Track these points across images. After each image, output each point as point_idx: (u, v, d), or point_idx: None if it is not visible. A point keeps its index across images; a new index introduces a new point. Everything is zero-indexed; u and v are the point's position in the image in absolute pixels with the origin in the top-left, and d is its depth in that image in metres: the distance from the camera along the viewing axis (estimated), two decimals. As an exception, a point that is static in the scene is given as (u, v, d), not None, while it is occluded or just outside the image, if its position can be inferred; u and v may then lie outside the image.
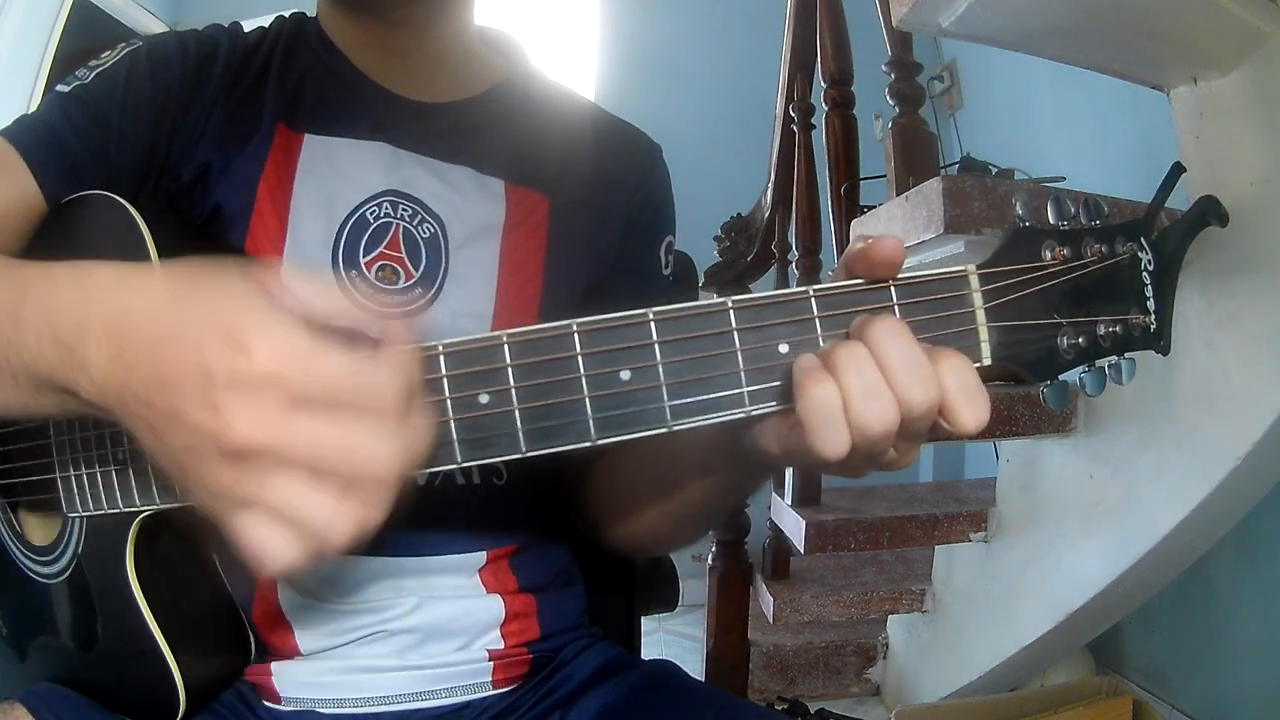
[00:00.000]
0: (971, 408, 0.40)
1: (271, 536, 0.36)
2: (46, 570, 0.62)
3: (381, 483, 0.37)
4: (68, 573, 0.60)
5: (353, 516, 0.36)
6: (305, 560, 0.37)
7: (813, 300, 0.43)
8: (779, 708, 1.83)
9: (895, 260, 0.42)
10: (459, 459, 0.42)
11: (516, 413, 0.42)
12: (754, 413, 0.43)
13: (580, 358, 0.42)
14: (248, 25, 0.72)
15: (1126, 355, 0.46)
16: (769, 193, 2.13)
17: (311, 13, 0.74)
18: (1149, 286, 0.46)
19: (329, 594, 0.64)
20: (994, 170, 1.61)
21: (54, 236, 0.63)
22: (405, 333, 0.39)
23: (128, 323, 0.38)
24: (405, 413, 0.37)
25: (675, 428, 0.42)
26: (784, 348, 0.42)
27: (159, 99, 0.65)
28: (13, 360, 0.41)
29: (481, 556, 0.68)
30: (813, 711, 1.81)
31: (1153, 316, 0.46)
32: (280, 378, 0.35)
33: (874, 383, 0.39)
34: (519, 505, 0.70)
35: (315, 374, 0.35)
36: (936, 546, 1.76)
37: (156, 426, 0.37)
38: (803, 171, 1.93)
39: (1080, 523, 1.41)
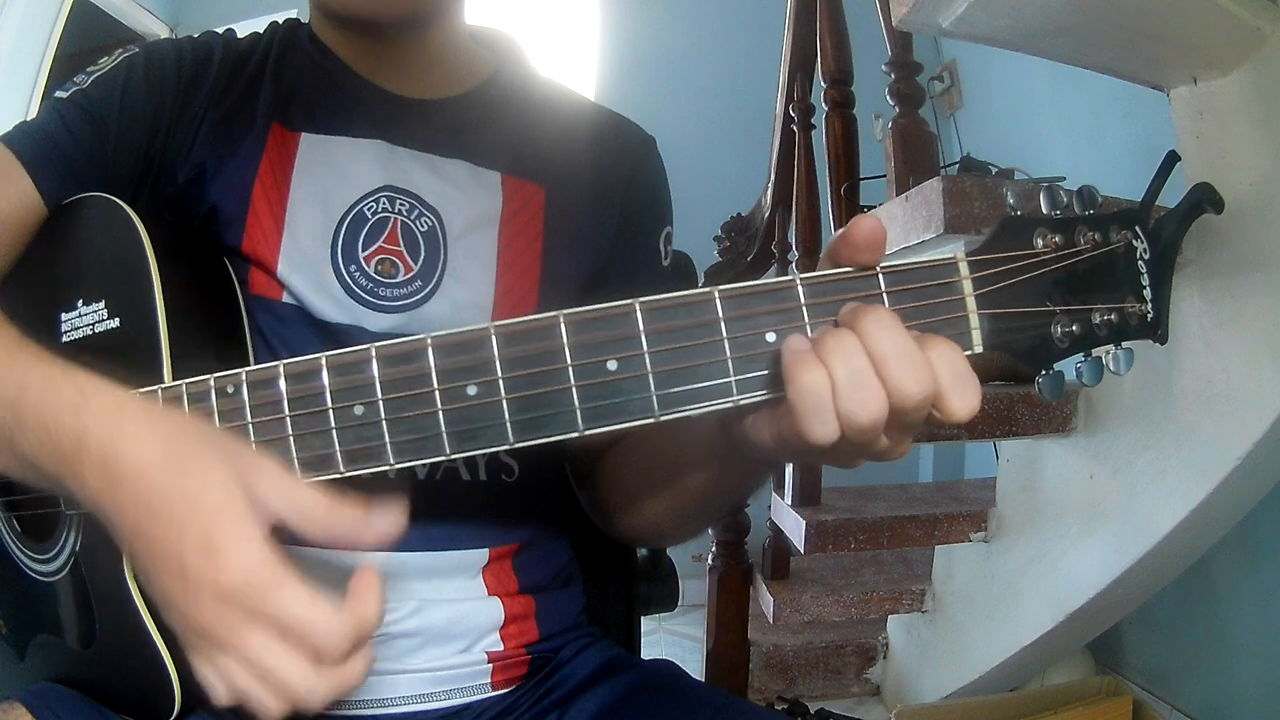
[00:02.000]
0: (962, 396, 0.40)
1: (215, 681, 0.42)
2: (44, 568, 0.62)
3: (305, 698, 0.41)
4: (66, 570, 0.60)
5: (281, 708, 0.41)
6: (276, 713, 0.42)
7: (799, 288, 0.42)
8: (779, 708, 1.83)
9: (875, 239, 0.42)
10: (447, 450, 0.42)
11: (504, 404, 0.42)
12: (741, 402, 0.42)
13: (567, 348, 0.42)
14: (245, 27, 0.73)
15: (1124, 345, 0.46)
16: (769, 193, 2.13)
17: (305, 14, 0.75)
18: (1145, 275, 0.45)
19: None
20: (994, 170, 1.61)
21: (53, 237, 0.64)
22: (371, 582, 0.43)
23: (119, 471, 0.42)
24: (345, 660, 0.42)
25: (662, 417, 0.42)
26: (771, 336, 0.42)
27: (155, 103, 0.66)
28: (15, 448, 0.46)
29: (484, 554, 0.68)
30: (813, 711, 1.81)
31: (1149, 305, 0.45)
32: (244, 594, 0.40)
33: (862, 371, 0.39)
34: (524, 502, 0.71)
35: (272, 606, 0.40)
36: (936, 546, 1.76)
37: (139, 559, 0.43)
38: (803, 171, 1.93)
39: (1080, 523, 1.41)
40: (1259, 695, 1.52)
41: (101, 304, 0.59)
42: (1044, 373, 0.45)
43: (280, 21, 0.74)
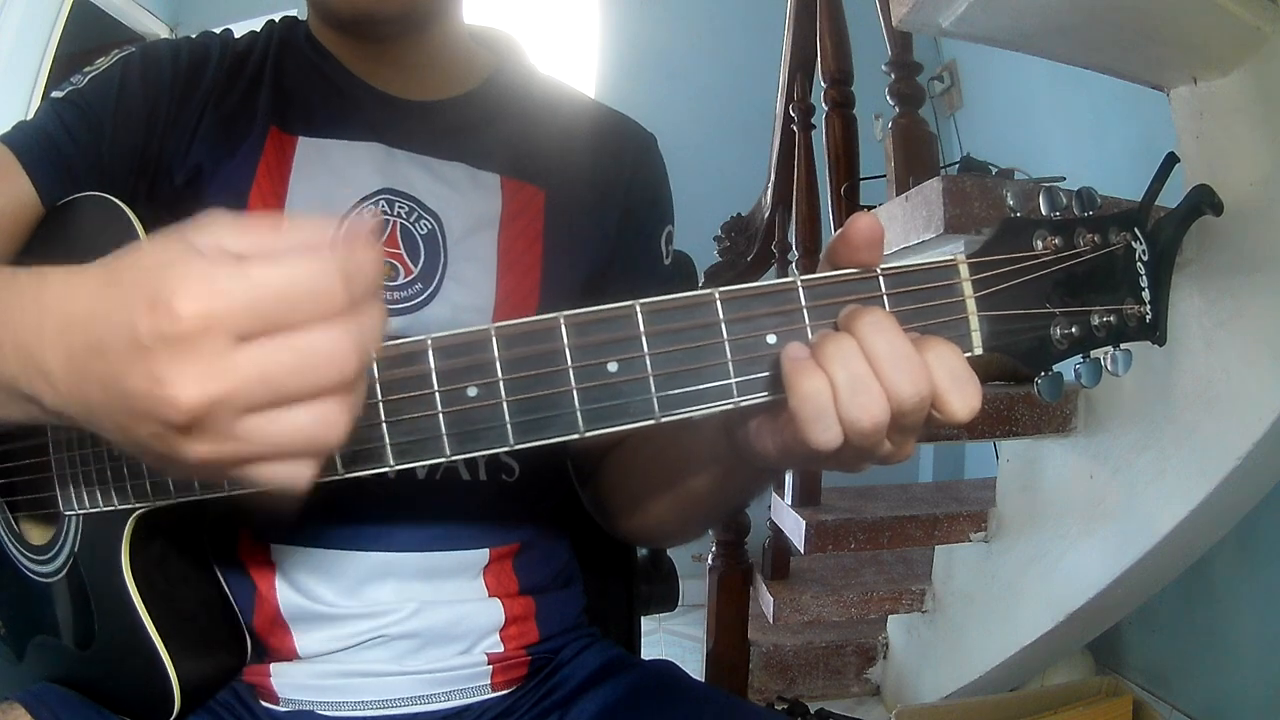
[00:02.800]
0: (961, 396, 0.40)
1: (277, 472, 0.36)
2: (43, 569, 0.62)
3: (347, 377, 0.35)
4: (64, 571, 0.60)
5: (337, 412, 0.35)
6: (320, 463, 0.36)
7: (800, 290, 0.42)
8: (779, 708, 1.83)
9: (872, 237, 0.42)
10: (448, 452, 0.42)
11: (504, 405, 0.42)
12: (742, 403, 0.43)
13: (568, 350, 0.42)
14: (244, 27, 0.73)
15: (1122, 346, 0.46)
16: (769, 193, 2.13)
17: (304, 14, 0.74)
18: (1144, 277, 0.45)
19: (331, 594, 0.64)
20: (994, 170, 1.60)
21: (51, 237, 0.64)
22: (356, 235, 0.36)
23: (72, 325, 0.36)
24: (351, 301, 0.35)
25: (663, 419, 0.42)
26: (772, 338, 0.42)
27: (151, 102, 0.66)
28: None
29: (484, 555, 0.68)
30: (813, 711, 1.81)
31: (1148, 306, 0.45)
32: (209, 320, 0.33)
33: (861, 375, 0.39)
34: (524, 502, 0.70)
35: (243, 301, 0.33)
36: (936, 546, 1.76)
37: (121, 424, 0.36)
38: (803, 171, 1.93)
39: (1080, 523, 1.41)
40: (1259, 695, 1.52)
41: (100, 304, 0.59)
42: (1043, 374, 0.45)
43: (277, 20, 0.74)
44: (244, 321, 0.33)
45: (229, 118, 0.67)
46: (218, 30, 0.73)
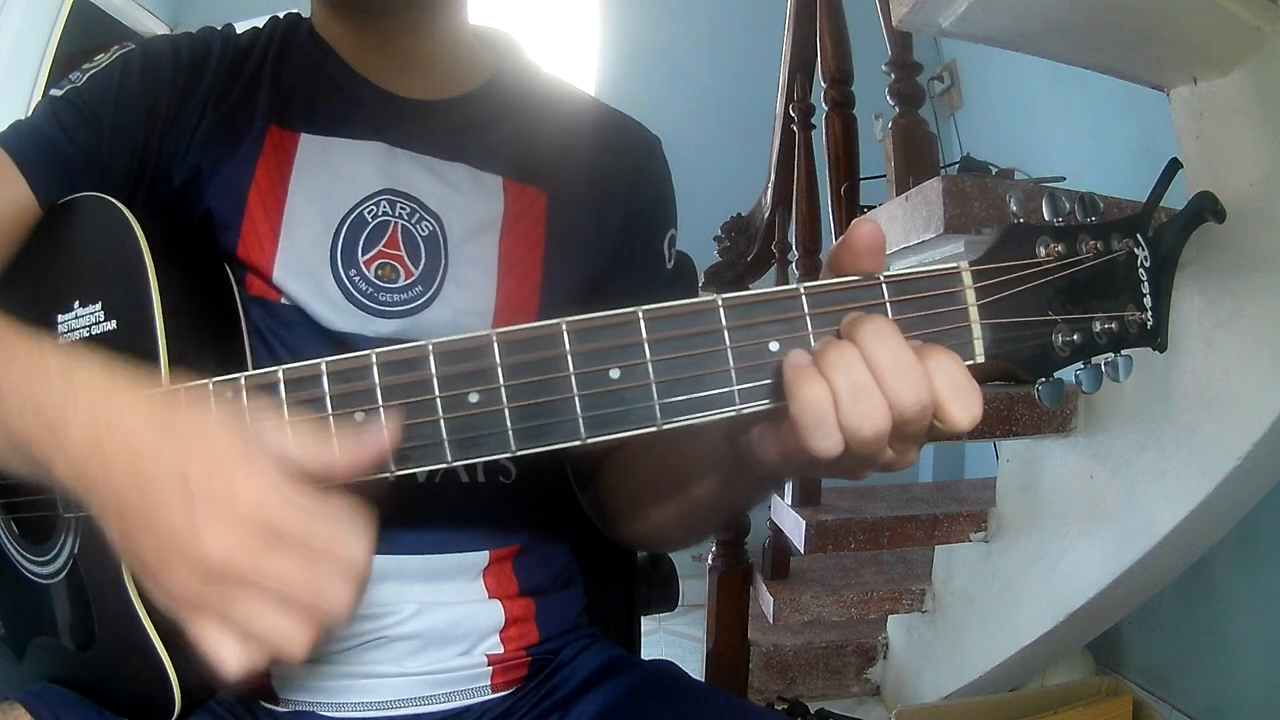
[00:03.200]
0: (963, 405, 0.40)
1: (230, 647, 0.39)
2: (43, 570, 0.62)
3: (333, 617, 0.39)
4: (64, 572, 0.60)
5: (310, 637, 0.39)
6: (259, 666, 0.40)
7: (803, 298, 0.42)
8: (779, 708, 1.83)
9: (874, 244, 0.43)
10: (449, 458, 0.42)
11: (506, 412, 0.42)
12: (744, 410, 0.42)
13: (570, 356, 0.42)
14: (246, 25, 0.72)
15: (1123, 353, 0.46)
16: (769, 193, 2.13)
17: (306, 12, 0.74)
18: (1145, 283, 0.45)
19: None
20: (994, 170, 1.61)
21: (49, 238, 0.63)
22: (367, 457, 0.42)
23: (110, 433, 0.40)
24: (367, 559, 0.40)
25: (665, 426, 0.42)
26: (774, 346, 0.42)
27: (150, 101, 0.65)
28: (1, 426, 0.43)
29: (484, 557, 0.68)
30: (813, 711, 1.81)
31: (1149, 313, 0.45)
32: (259, 512, 0.38)
33: (863, 384, 0.39)
34: (523, 504, 0.70)
35: (293, 517, 0.38)
36: (936, 546, 1.76)
37: (129, 527, 0.40)
38: (803, 171, 1.93)
39: (1080, 523, 1.41)
40: (1259, 695, 1.52)
41: (98, 305, 0.59)
42: (1043, 380, 0.45)
43: (281, 17, 0.73)
44: (286, 530, 0.38)
45: (227, 117, 0.67)
46: (219, 27, 0.72)
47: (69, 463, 0.41)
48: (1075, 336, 0.44)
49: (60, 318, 0.60)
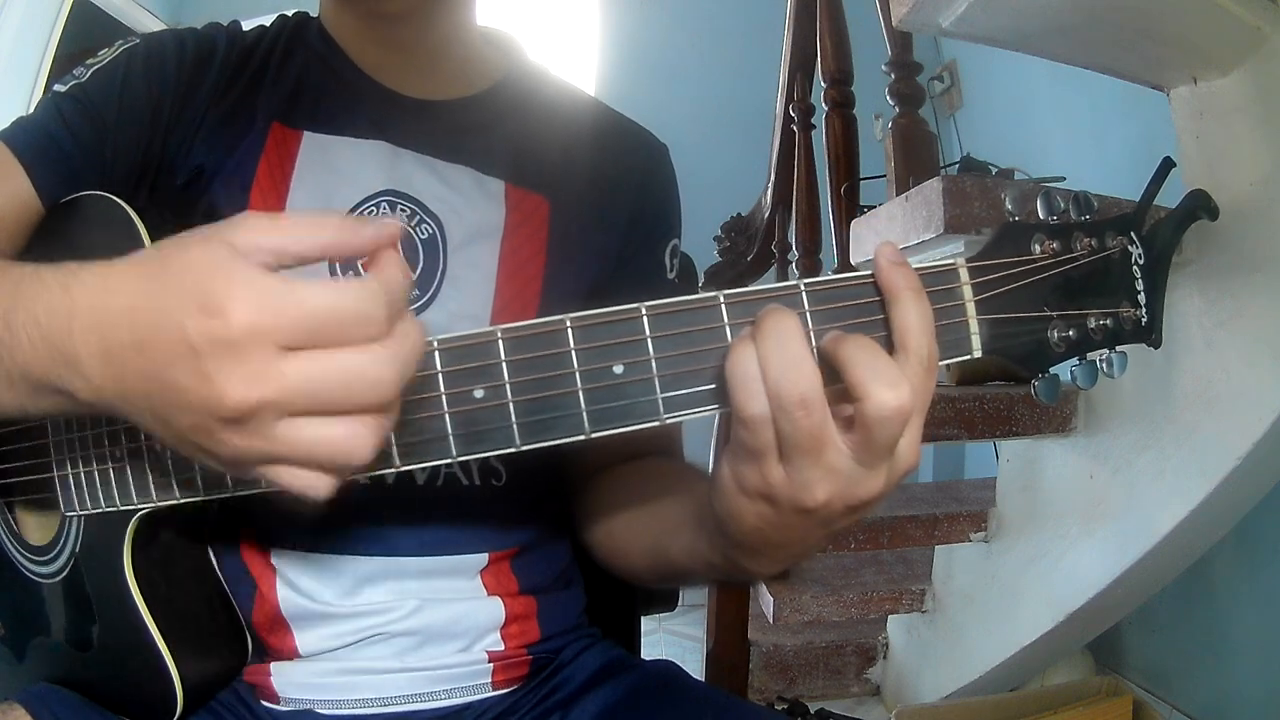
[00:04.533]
0: (884, 382, 0.39)
1: (301, 477, 0.38)
2: (44, 570, 0.62)
3: (385, 398, 0.37)
4: (65, 572, 0.60)
5: (369, 432, 0.37)
6: (342, 479, 0.38)
7: (803, 294, 0.43)
8: (779, 708, 1.83)
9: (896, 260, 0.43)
10: (454, 453, 0.42)
11: (511, 407, 0.42)
12: None
13: (574, 352, 0.42)
14: (248, 24, 0.72)
15: (1118, 349, 0.46)
16: (769, 193, 2.13)
17: (314, 12, 0.74)
18: (1139, 280, 0.46)
19: (330, 594, 0.64)
20: (994, 170, 1.61)
21: (53, 237, 0.63)
22: (386, 239, 0.39)
23: (109, 320, 0.38)
24: (393, 324, 0.37)
25: (668, 420, 0.43)
26: None
27: (154, 97, 0.65)
28: (7, 362, 0.41)
29: (483, 558, 0.68)
30: (813, 711, 1.81)
31: (1143, 310, 0.46)
32: (260, 329, 0.35)
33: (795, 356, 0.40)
34: (521, 506, 0.70)
35: (293, 316, 0.35)
36: (936, 546, 1.76)
37: (160, 414, 0.38)
38: (803, 171, 1.93)
39: (1080, 523, 1.41)
40: (1259, 695, 1.52)
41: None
42: (1040, 376, 0.45)
43: (290, 15, 0.73)
44: (293, 335, 0.35)
45: (230, 115, 0.66)
46: (225, 24, 0.71)
47: (87, 381, 0.39)
48: (1070, 332, 0.45)
49: (62, 317, 0.60)
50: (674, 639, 2.52)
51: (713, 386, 0.42)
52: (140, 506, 0.54)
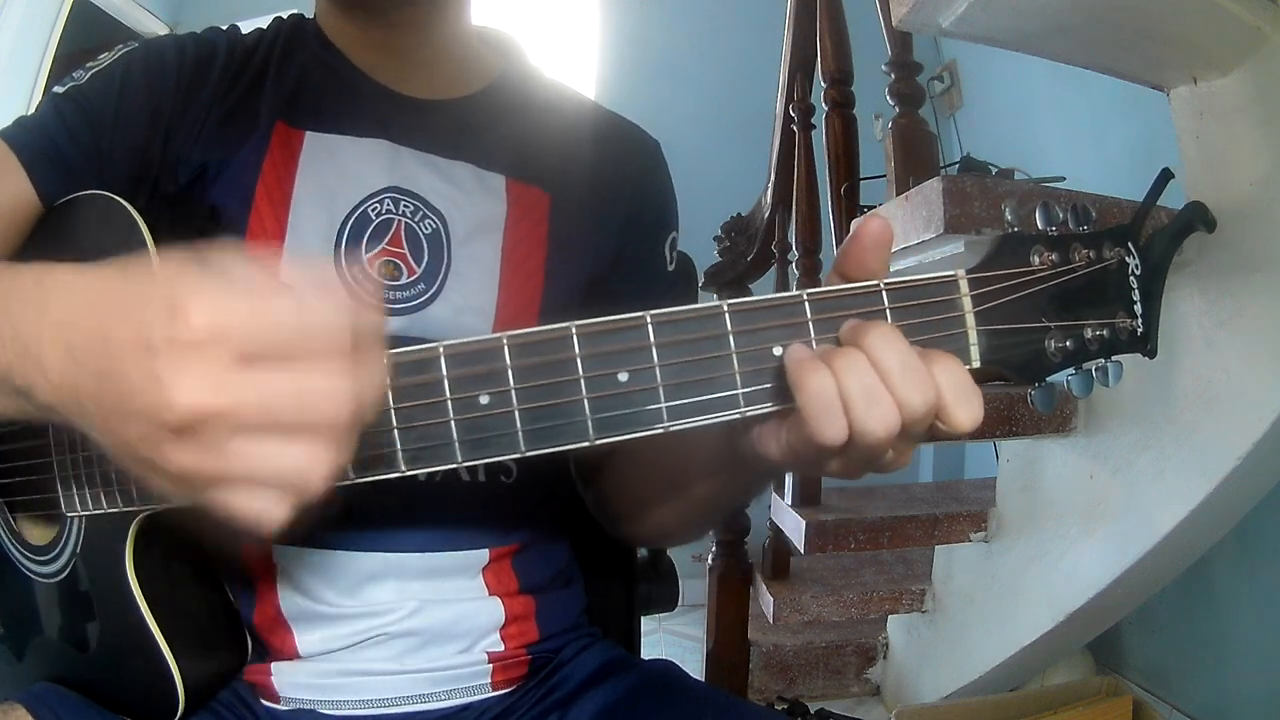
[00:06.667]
0: (966, 407, 0.42)
1: (251, 501, 0.35)
2: (44, 570, 0.62)
3: (340, 423, 0.36)
4: (66, 572, 0.60)
5: (323, 459, 0.36)
6: (293, 509, 0.36)
7: (806, 304, 0.43)
8: (779, 708, 1.83)
9: (882, 239, 0.44)
10: (459, 458, 0.43)
11: (516, 413, 0.42)
12: (749, 413, 0.43)
13: (579, 359, 0.42)
14: (247, 26, 0.72)
15: (1114, 358, 0.47)
16: (769, 193, 2.13)
17: (310, 14, 0.74)
18: (1136, 291, 0.46)
19: (331, 594, 0.64)
20: (994, 170, 1.60)
21: (53, 236, 0.63)
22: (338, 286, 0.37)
23: (76, 317, 0.37)
24: (355, 350, 0.36)
25: (672, 428, 0.43)
26: (778, 350, 0.43)
27: (154, 101, 0.65)
28: None
29: (484, 555, 0.68)
30: (813, 711, 1.81)
31: (1139, 320, 0.46)
32: (221, 334, 0.33)
33: (873, 387, 0.40)
34: (524, 503, 0.70)
35: (257, 325, 0.34)
36: (936, 546, 1.76)
37: (109, 421, 0.36)
38: (803, 171, 1.93)
39: (1080, 523, 1.41)
40: (1259, 695, 1.52)
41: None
42: (1037, 385, 0.46)
43: (285, 17, 0.74)
44: (253, 344, 0.34)
45: (233, 115, 0.67)
46: (224, 27, 0.72)
47: (48, 380, 0.38)
48: (1067, 343, 0.45)
49: (64, 317, 0.60)
50: (674, 639, 2.52)
51: (717, 395, 0.43)
52: (142, 508, 0.54)
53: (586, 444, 0.43)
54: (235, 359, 0.34)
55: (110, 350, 0.35)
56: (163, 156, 0.66)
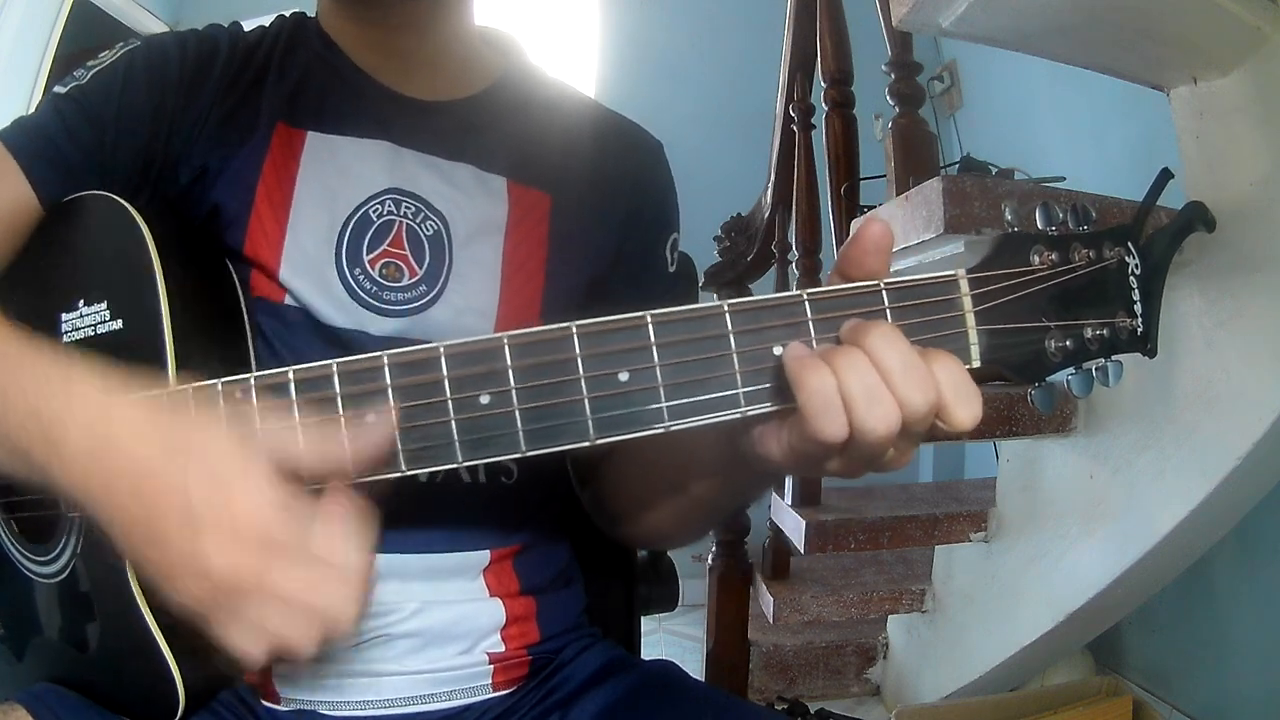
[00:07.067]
0: (966, 406, 0.42)
1: (248, 642, 0.42)
2: (44, 570, 0.62)
3: (340, 617, 0.42)
4: (66, 573, 0.60)
5: (315, 638, 0.42)
6: (276, 657, 0.43)
7: (806, 304, 0.43)
8: (779, 708, 1.83)
9: (883, 243, 0.44)
10: (459, 458, 0.43)
11: (517, 413, 0.42)
12: (749, 413, 0.43)
13: (580, 359, 0.42)
14: (248, 25, 0.72)
15: (1113, 358, 0.47)
16: (769, 193, 2.13)
17: (312, 12, 0.74)
18: (1136, 290, 0.47)
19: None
20: (994, 170, 1.60)
21: (54, 236, 0.63)
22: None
23: (109, 447, 0.42)
24: (367, 562, 0.43)
25: (672, 428, 0.43)
26: (778, 350, 0.43)
27: (156, 99, 0.65)
28: (2, 437, 0.45)
29: (485, 556, 0.68)
30: (813, 711, 1.81)
31: (1139, 320, 0.46)
32: (259, 527, 0.40)
33: (875, 386, 0.41)
34: (525, 504, 0.70)
35: (290, 528, 0.41)
36: (936, 546, 1.76)
37: (135, 541, 0.43)
38: (803, 171, 1.93)
39: (1080, 523, 1.41)
40: (1259, 695, 1.52)
41: (104, 305, 0.59)
42: (1036, 385, 0.46)
43: (287, 15, 0.73)
44: (287, 541, 0.41)
45: (234, 114, 0.67)
46: (225, 24, 0.71)
47: (68, 473, 0.43)
48: (1067, 342, 0.45)
49: (65, 316, 0.60)
50: (674, 639, 2.52)
51: (717, 395, 0.43)
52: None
53: (587, 444, 0.43)
54: (267, 549, 0.41)
55: (152, 500, 0.42)
56: (164, 154, 0.65)
